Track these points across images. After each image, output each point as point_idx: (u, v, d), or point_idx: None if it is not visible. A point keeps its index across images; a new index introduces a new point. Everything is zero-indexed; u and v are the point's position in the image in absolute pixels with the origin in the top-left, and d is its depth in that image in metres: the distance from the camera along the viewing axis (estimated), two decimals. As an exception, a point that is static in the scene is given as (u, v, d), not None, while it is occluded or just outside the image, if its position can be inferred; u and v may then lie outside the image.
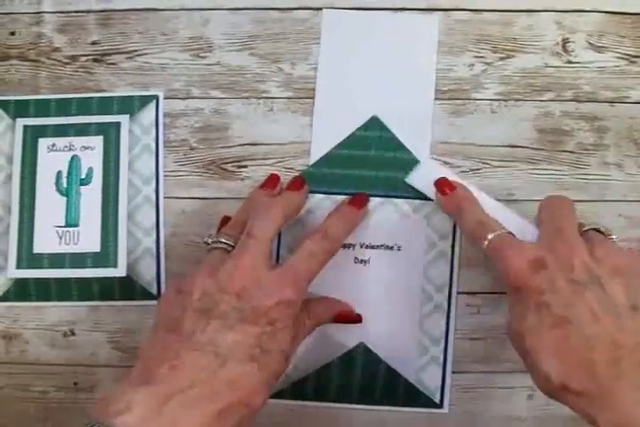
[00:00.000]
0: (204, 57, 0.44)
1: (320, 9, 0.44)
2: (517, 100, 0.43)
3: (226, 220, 0.40)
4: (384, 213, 0.42)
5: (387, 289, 0.42)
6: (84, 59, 0.44)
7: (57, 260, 0.42)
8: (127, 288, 0.43)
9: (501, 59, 0.44)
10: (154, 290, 0.43)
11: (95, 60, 0.44)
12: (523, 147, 0.43)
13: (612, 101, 0.43)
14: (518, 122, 0.43)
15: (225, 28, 0.44)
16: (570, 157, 0.43)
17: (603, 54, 0.43)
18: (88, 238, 0.42)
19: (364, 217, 0.41)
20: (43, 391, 0.43)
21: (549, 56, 0.44)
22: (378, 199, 0.42)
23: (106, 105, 0.44)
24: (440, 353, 0.41)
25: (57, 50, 0.45)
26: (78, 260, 0.42)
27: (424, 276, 0.42)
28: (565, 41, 0.44)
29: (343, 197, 0.41)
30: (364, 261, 0.42)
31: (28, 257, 0.42)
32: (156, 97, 0.44)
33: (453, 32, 0.44)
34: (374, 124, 0.43)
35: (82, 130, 0.43)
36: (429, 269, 0.42)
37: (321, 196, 0.42)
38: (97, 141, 0.43)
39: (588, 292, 0.32)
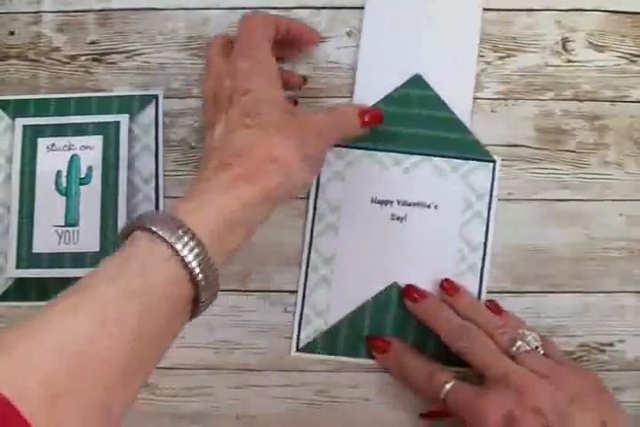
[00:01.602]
0: (203, 56, 0.44)
1: (320, 8, 0.44)
2: (517, 99, 0.43)
3: None
4: (422, 172, 0.42)
5: (422, 247, 0.42)
6: (83, 58, 0.44)
7: (56, 259, 0.42)
8: (127, 288, 0.43)
9: (501, 58, 0.43)
10: (153, 290, 0.43)
11: (94, 60, 0.44)
12: (523, 146, 0.43)
13: (612, 100, 0.43)
14: (518, 121, 0.43)
15: (224, 27, 0.44)
16: (570, 157, 0.43)
17: (603, 53, 0.43)
18: (87, 238, 0.42)
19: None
20: (42, 391, 0.43)
21: (549, 55, 0.43)
22: (416, 157, 0.42)
23: (105, 104, 0.44)
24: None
25: (56, 49, 0.44)
26: (78, 259, 0.42)
27: (459, 235, 0.42)
28: (565, 40, 0.43)
29: (381, 153, 0.42)
30: (400, 219, 0.42)
31: (27, 257, 0.42)
32: (156, 96, 0.44)
33: (453, 31, 0.44)
34: (417, 82, 0.42)
35: (81, 129, 0.43)
36: (465, 228, 0.42)
37: (360, 152, 0.42)
38: (96, 141, 0.43)
39: None
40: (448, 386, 0.36)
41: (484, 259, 0.42)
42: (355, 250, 0.42)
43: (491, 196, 0.42)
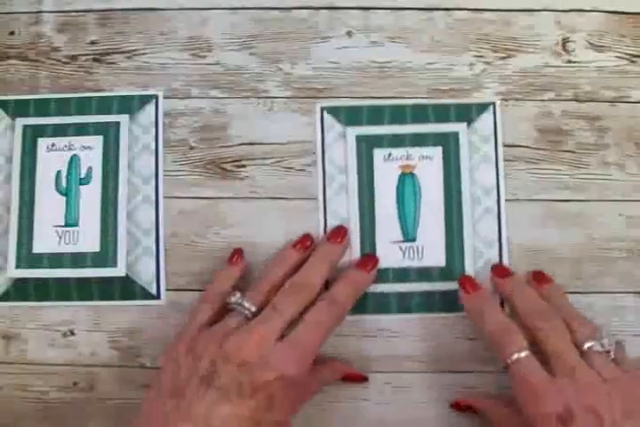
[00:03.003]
0: (203, 56, 0.44)
1: (319, 8, 0.44)
2: (517, 99, 0.43)
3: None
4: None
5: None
6: (83, 58, 0.44)
7: (56, 259, 0.42)
8: (127, 288, 0.43)
9: (501, 58, 0.43)
10: (153, 290, 0.43)
11: (94, 60, 0.44)
12: (523, 146, 0.43)
13: (612, 101, 0.43)
14: (519, 121, 0.43)
15: (224, 27, 0.44)
16: (570, 157, 0.43)
17: (603, 54, 0.43)
18: (87, 238, 0.42)
19: (372, 279, 0.41)
20: (42, 391, 0.43)
21: (549, 56, 0.43)
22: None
23: (105, 105, 0.44)
24: (495, 255, 0.42)
25: (56, 49, 0.45)
26: (78, 259, 0.42)
27: (471, 179, 0.42)
28: (565, 40, 0.43)
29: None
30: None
31: (27, 257, 0.42)
32: (156, 97, 0.44)
33: (454, 31, 0.44)
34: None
35: (81, 130, 0.43)
36: (474, 173, 0.42)
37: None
38: (96, 141, 0.43)
39: None
40: (520, 355, 0.36)
41: (498, 201, 0.42)
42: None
43: (496, 140, 0.43)
